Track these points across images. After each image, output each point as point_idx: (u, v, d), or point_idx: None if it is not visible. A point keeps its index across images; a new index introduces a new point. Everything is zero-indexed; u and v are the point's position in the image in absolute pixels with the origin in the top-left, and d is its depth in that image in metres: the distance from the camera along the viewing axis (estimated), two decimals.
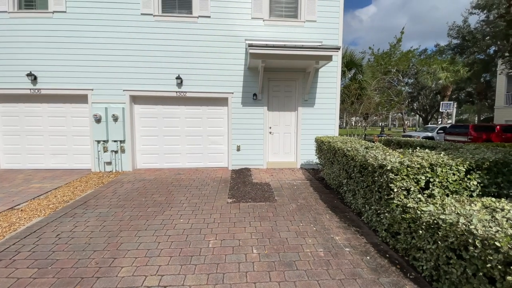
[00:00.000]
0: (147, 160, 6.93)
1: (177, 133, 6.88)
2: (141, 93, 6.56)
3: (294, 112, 7.05)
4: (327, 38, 6.64)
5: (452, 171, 2.79)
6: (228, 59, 6.58)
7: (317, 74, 6.82)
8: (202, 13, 6.43)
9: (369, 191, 3.25)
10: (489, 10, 9.80)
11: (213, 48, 6.53)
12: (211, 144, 6.97)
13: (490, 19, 10.06)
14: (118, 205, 4.27)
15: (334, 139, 5.03)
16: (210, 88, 6.62)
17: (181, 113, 6.84)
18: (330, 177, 4.97)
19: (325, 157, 5.18)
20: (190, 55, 6.50)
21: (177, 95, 6.59)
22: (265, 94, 6.78)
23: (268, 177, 6.05)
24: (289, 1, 6.72)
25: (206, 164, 7.00)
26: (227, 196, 4.70)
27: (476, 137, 13.21)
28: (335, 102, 6.97)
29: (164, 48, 6.45)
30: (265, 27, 6.59)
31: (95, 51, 6.34)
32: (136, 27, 6.37)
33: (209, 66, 6.56)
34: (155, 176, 6.13)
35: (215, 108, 6.88)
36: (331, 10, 6.65)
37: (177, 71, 6.49)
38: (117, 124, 6.53)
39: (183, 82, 6.53)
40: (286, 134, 7.11)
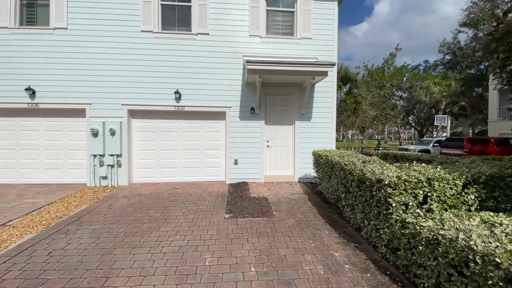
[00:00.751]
0: (144, 174, 6.86)
1: (175, 146, 6.87)
2: (139, 107, 6.60)
3: (291, 125, 7.11)
4: (323, 55, 6.83)
5: (449, 186, 2.80)
6: (226, 74, 6.70)
7: (313, 89, 6.95)
8: (201, 31, 6.61)
9: (367, 205, 3.23)
10: (476, 28, 10.22)
11: (212, 63, 6.67)
12: (209, 158, 6.95)
13: (479, 36, 10.48)
14: (112, 221, 4.18)
15: (331, 153, 5.06)
16: (208, 102, 6.69)
17: (179, 127, 6.87)
18: (328, 191, 4.95)
19: (322, 171, 5.18)
20: (189, 70, 6.62)
21: (175, 109, 6.64)
22: (262, 108, 6.87)
23: (266, 191, 6.00)
24: (285, 19, 6.96)
25: (203, 178, 6.94)
26: (224, 211, 4.63)
27: (472, 150, 13.35)
28: (332, 116, 7.06)
29: (163, 64, 6.57)
30: (262, 44, 6.77)
31: (94, 66, 6.43)
32: (136, 43, 6.51)
33: (208, 81, 6.67)
34: (152, 191, 6.05)
35: (213, 122, 6.92)
36: (325, 28, 6.89)
37: (175, 86, 6.57)
38: (114, 138, 6.51)
39: (181, 97, 6.60)
40: (283, 148, 7.13)
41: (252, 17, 6.70)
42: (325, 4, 6.87)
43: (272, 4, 6.89)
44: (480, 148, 13.40)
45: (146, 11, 6.47)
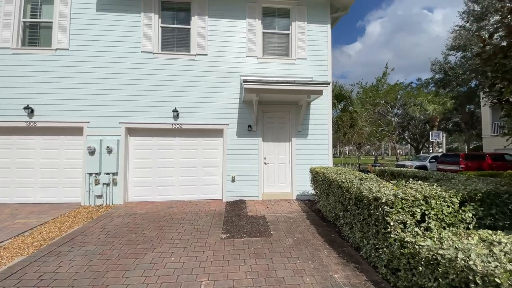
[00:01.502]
0: (139, 193, 6.76)
1: (171, 164, 6.84)
2: (137, 125, 6.65)
3: (288, 142, 7.16)
4: (317, 74, 7.04)
5: (446, 203, 2.80)
6: (224, 93, 6.84)
7: (309, 106, 7.09)
8: (200, 51, 6.83)
9: (365, 224, 3.20)
10: (463, 50, 10.69)
11: (210, 82, 6.82)
12: (206, 175, 6.91)
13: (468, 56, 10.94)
14: (106, 242, 4.07)
15: (329, 170, 5.07)
16: (206, 120, 6.77)
17: (176, 144, 6.88)
18: (326, 209, 4.90)
19: (320, 188, 5.16)
20: (187, 89, 6.76)
21: (173, 127, 6.69)
22: (259, 126, 6.95)
23: (263, 209, 5.92)
24: (280, 41, 7.24)
25: (199, 196, 6.86)
26: (221, 231, 4.54)
27: (468, 166, 13.43)
28: (328, 133, 7.15)
29: (162, 83, 6.71)
30: (259, 64, 6.99)
31: (94, 85, 6.54)
32: (136, 64, 6.68)
33: (206, 99, 6.79)
34: (147, 210, 5.94)
35: (210, 139, 6.96)
36: (319, 49, 7.16)
37: (174, 104, 6.67)
38: (111, 156, 6.48)
39: (179, 115, 6.68)
40: (281, 165, 7.13)
41: (249, 39, 6.96)
42: (319, 26, 7.18)
43: (268, 27, 7.19)
44: (476, 164, 13.50)
45: (147, 33, 6.71)
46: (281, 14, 7.25)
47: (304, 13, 7.15)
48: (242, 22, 6.99)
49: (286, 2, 7.10)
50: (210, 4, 6.89)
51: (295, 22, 7.12)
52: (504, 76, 2.98)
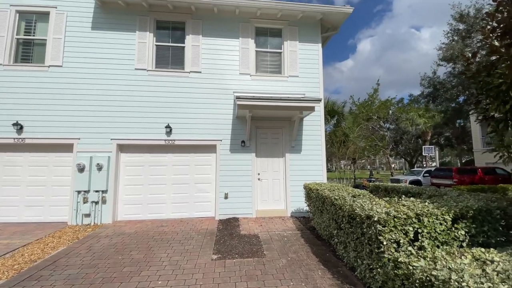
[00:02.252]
0: (129, 211, 6.56)
1: (163, 181, 6.71)
2: (129, 141, 6.58)
3: (282, 158, 7.14)
4: (309, 91, 7.17)
5: (438, 221, 2.77)
6: (217, 109, 6.88)
7: (302, 122, 7.15)
8: (194, 69, 6.93)
9: (359, 243, 3.13)
10: (454, 62, 11.13)
11: (203, 99, 6.87)
12: (198, 192, 6.78)
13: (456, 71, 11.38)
14: (90, 265, 3.88)
15: (322, 187, 5.02)
16: (199, 136, 6.74)
17: (169, 160, 6.80)
18: (321, 226, 4.81)
19: (314, 205, 5.09)
20: (181, 105, 6.78)
21: (166, 143, 6.64)
22: (253, 141, 6.94)
23: (257, 227, 5.78)
24: (273, 59, 7.42)
25: (192, 214, 6.69)
26: (212, 251, 4.38)
27: (460, 180, 13.54)
28: (321, 148, 7.17)
29: (155, 99, 6.73)
30: (252, 81, 7.10)
31: (86, 102, 6.52)
32: (129, 80, 6.72)
33: (199, 115, 6.80)
34: (136, 229, 5.75)
35: (203, 155, 6.90)
36: (311, 66, 7.35)
37: (167, 120, 6.66)
38: (101, 174, 6.35)
39: (172, 131, 6.65)
40: (275, 181, 7.06)
41: (242, 57, 7.12)
42: (310, 45, 7.41)
43: (261, 45, 7.39)
44: (468, 178, 13.62)
45: (141, 51, 6.81)
46: (274, 34, 7.48)
47: (295, 32, 7.40)
48: (235, 41, 7.17)
49: (278, 23, 7.36)
50: (204, 24, 7.08)
51: (287, 41, 7.34)
52: (488, 93, 3.06)
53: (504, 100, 2.82)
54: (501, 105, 2.84)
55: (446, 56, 11.28)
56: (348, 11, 7.08)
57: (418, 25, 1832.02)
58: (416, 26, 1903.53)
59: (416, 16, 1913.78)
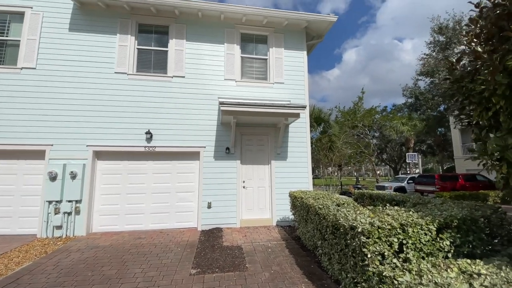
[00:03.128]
0: (105, 222, 6.16)
1: (142, 190, 6.38)
2: (106, 148, 6.24)
3: (267, 165, 6.99)
4: (295, 98, 7.12)
5: (423, 231, 2.68)
6: (201, 115, 6.68)
7: (288, 129, 7.07)
8: (177, 74, 6.73)
9: (343, 255, 2.98)
10: (432, 76, 11.53)
11: (187, 104, 6.67)
12: (180, 202, 6.48)
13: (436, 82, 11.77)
14: (55, 283, 3.52)
15: (307, 195, 4.89)
16: (181, 143, 6.50)
17: (149, 168, 6.49)
18: (305, 236, 4.65)
19: (299, 214, 4.94)
20: (163, 110, 6.54)
21: (146, 149, 6.34)
22: (238, 148, 6.77)
23: (241, 238, 5.55)
24: (259, 65, 7.35)
25: (173, 224, 6.36)
26: (191, 265, 4.11)
27: (443, 187, 13.87)
28: (307, 156, 7.09)
29: (135, 104, 6.45)
30: (237, 87, 6.98)
31: (61, 106, 6.16)
32: (108, 84, 6.43)
33: (182, 121, 6.57)
34: (112, 242, 5.37)
35: (185, 163, 6.64)
36: (297, 73, 7.33)
37: (147, 126, 6.38)
38: (75, 182, 5.95)
39: (153, 137, 6.37)
40: (260, 189, 6.88)
41: (227, 62, 7.01)
42: (295, 53, 7.42)
43: (247, 51, 7.32)
44: (450, 185, 13.98)
45: (122, 54, 6.56)
46: (259, 40, 7.44)
47: (281, 40, 7.39)
48: (220, 46, 7.07)
49: (263, 29, 7.33)
50: (189, 28, 6.94)
51: (272, 48, 7.31)
52: (471, 100, 3.05)
53: (486, 107, 2.80)
54: (484, 112, 2.83)
55: (423, 71, 11.71)
56: (333, 20, 7.16)
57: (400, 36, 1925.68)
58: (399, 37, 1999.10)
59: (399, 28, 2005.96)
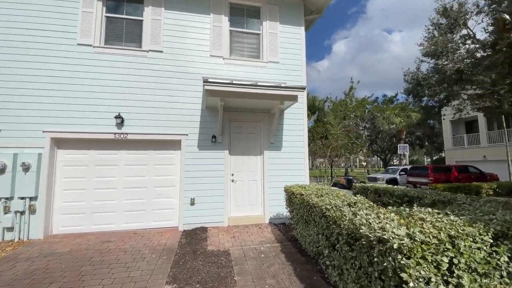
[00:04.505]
0: (68, 223, 5.22)
1: (113, 184, 5.44)
2: (68, 135, 5.21)
3: (259, 156, 6.19)
4: (291, 80, 6.27)
5: (476, 245, 1.96)
6: (182, 97, 5.73)
7: (283, 115, 6.25)
8: (154, 47, 5.70)
9: (364, 274, 2.24)
10: (438, 58, 10.95)
11: (165, 84, 5.68)
12: (158, 198, 5.59)
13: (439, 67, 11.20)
14: None
15: (307, 190, 4.13)
16: (159, 129, 5.55)
17: (120, 159, 5.53)
18: (305, 240, 3.91)
19: (298, 213, 4.18)
20: (136, 91, 5.53)
21: (116, 137, 5.36)
22: (226, 136, 5.90)
23: (228, 240, 4.77)
24: (250, 41, 6.41)
25: (150, 224, 5.49)
26: (166, 279, 3.29)
27: (436, 178, 13.60)
28: (303, 145, 6.33)
29: (103, 83, 5.41)
30: (226, 65, 6.04)
31: (8, 84, 5.05)
32: (69, 58, 5.34)
33: (159, 104, 5.60)
34: (72, 247, 4.46)
35: (165, 153, 5.72)
36: (293, 52, 6.46)
37: (117, 109, 5.38)
38: (28, 176, 4.93)
39: (124, 122, 5.39)
40: (251, 182, 6.09)
41: (213, 36, 6.02)
42: (292, 28, 6.51)
43: (237, 25, 6.34)
44: (443, 176, 13.73)
45: (86, 22, 5.45)
46: (251, 13, 6.46)
47: (276, 13, 6.45)
48: (206, 17, 6.05)
49: (256, 0, 6.35)
50: None
51: (266, 22, 6.37)
52: None
53: None
54: None
55: (429, 51, 11.06)
56: None
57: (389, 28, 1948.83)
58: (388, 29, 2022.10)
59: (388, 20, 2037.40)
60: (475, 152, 18.08)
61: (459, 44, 10.55)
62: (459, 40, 10.64)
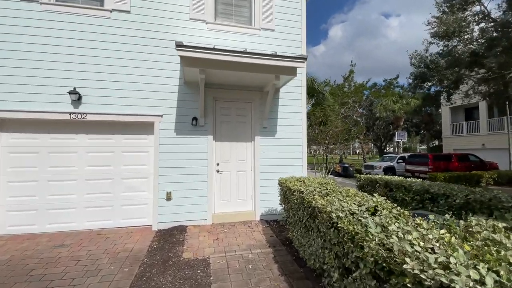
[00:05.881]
0: (18, 221, 4.30)
1: (72, 175, 4.48)
2: (12, 114, 4.17)
3: (250, 142, 5.28)
4: (288, 52, 5.25)
5: None
6: (156, 69, 4.69)
7: (278, 95, 5.30)
8: (118, 7, 4.58)
9: None
10: (449, 38, 9.98)
11: (134, 54, 4.62)
12: (128, 191, 4.68)
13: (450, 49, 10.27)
14: None
15: (308, 186, 3.27)
16: (126, 109, 4.54)
17: (80, 145, 4.54)
18: (304, 249, 3.09)
19: (295, 214, 3.34)
20: (96, 61, 4.46)
21: (73, 118, 4.35)
22: (209, 119, 4.94)
23: (210, 243, 3.94)
24: (240, 4, 5.31)
25: (118, 222, 4.61)
26: None
27: (436, 167, 13.04)
28: (302, 131, 5.44)
29: (54, 50, 4.32)
30: (209, 32, 4.98)
31: None
32: (11, 18, 4.21)
33: (126, 77, 4.57)
34: (15, 254, 3.56)
35: (134, 138, 4.75)
36: (291, 18, 5.41)
37: (72, 83, 4.34)
38: None
39: (81, 99, 4.36)
40: (240, 173, 5.22)
41: None
42: None
43: None
44: (443, 165, 13.19)
45: None
46: None
47: None
48: None
49: None
50: None
51: None
52: None
53: None
54: None
55: (439, 31, 10.05)
56: None
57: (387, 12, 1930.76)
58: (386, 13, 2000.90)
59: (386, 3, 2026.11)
60: (473, 140, 17.58)
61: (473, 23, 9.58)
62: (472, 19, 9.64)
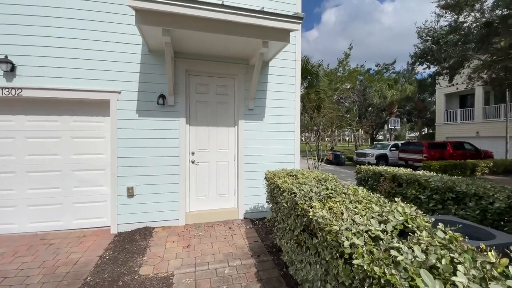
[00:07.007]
0: None
1: (10, 167, 3.56)
2: None
3: (233, 128, 4.44)
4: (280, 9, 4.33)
5: None
6: (111, 33, 3.70)
7: (267, 70, 4.43)
8: None
9: None
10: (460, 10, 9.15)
11: (83, 12, 3.60)
12: (81, 186, 3.81)
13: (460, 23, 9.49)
14: None
15: (301, 185, 2.50)
16: (74, 83, 3.58)
17: (18, 128, 3.59)
18: (296, 267, 2.35)
19: (284, 220, 2.58)
20: (35, 22, 3.44)
21: (5, 94, 3.37)
22: (181, 97, 4.03)
23: (179, 252, 3.17)
24: None
25: (70, 223, 3.77)
26: None
27: (430, 155, 12.66)
28: (294, 114, 4.63)
29: None
30: None
31: None
32: None
33: (74, 42, 3.57)
34: None
35: (86, 120, 3.81)
36: None
37: (3, 49, 3.32)
38: None
39: (16, 70, 3.37)
40: (220, 164, 4.40)
41: None
42: None
43: None
44: (438, 153, 12.82)
45: None
46: None
47: None
48: None
49: None
50: None
51: None
52: None
53: None
54: None
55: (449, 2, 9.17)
56: None
57: None
58: None
59: None
60: (468, 127, 17.29)
61: None
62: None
